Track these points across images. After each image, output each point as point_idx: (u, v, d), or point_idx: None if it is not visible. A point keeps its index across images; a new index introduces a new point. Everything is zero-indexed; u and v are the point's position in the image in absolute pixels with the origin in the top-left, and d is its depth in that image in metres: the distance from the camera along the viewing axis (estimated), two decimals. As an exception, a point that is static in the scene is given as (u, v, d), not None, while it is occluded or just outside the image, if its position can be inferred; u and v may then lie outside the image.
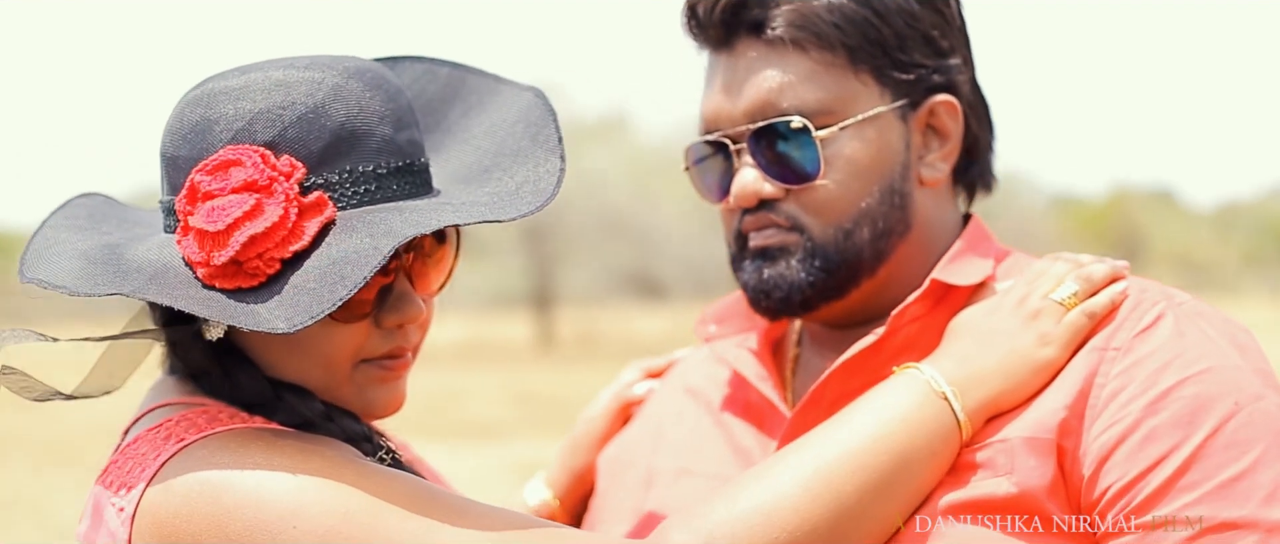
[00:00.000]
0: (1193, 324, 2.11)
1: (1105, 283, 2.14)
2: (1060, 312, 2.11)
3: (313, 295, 1.89)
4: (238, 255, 1.92)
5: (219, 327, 2.00)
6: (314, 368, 2.03)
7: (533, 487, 2.62)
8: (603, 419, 2.59)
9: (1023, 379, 2.07)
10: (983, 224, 2.36)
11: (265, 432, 1.97)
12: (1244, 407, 2.02)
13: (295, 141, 1.97)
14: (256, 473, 1.89)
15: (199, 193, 1.96)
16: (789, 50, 2.22)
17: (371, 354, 2.05)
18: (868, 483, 1.98)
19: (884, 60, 2.23)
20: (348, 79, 2.02)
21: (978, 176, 2.37)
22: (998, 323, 2.12)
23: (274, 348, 2.03)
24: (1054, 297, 2.12)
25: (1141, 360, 2.06)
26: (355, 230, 1.95)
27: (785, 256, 2.24)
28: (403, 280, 2.05)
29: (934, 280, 2.22)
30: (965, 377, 2.06)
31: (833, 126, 2.21)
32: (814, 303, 2.25)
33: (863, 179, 2.23)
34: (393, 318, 2.05)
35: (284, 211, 1.93)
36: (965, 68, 2.30)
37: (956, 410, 2.04)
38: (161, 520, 1.91)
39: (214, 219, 1.93)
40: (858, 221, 2.23)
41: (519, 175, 2.07)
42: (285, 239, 1.92)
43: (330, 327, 2.00)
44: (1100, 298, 2.12)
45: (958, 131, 2.29)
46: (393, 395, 2.10)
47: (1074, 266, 2.16)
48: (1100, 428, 2.03)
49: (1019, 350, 2.08)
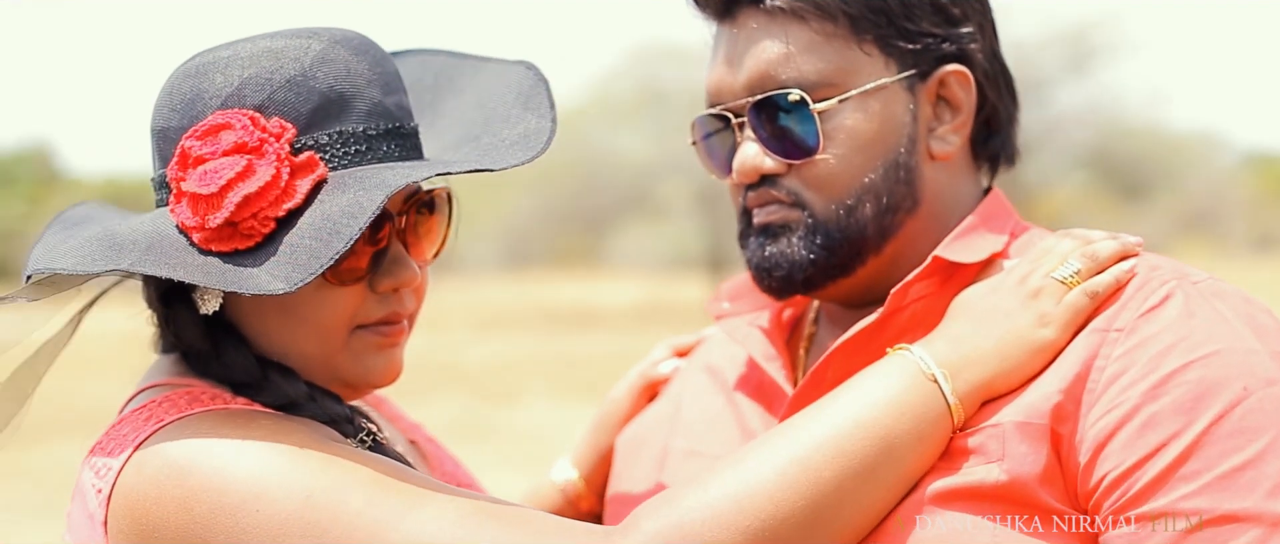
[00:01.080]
0: (1205, 304, 2.00)
1: (1112, 261, 2.04)
2: (1061, 291, 2.01)
3: (309, 252, 1.90)
4: (232, 216, 1.92)
5: (215, 298, 2.01)
6: (310, 334, 2.03)
7: (560, 465, 2.58)
8: (627, 398, 2.55)
9: (1019, 361, 1.98)
10: (1002, 198, 2.27)
11: (242, 413, 1.97)
12: (1254, 391, 1.91)
13: (284, 104, 1.99)
14: (223, 456, 1.89)
15: (190, 157, 1.97)
16: (789, 20, 2.15)
17: (367, 319, 2.05)
18: (848, 469, 1.90)
19: (889, 29, 2.15)
20: (334, 46, 2.04)
21: (1000, 149, 2.28)
22: (997, 302, 2.03)
23: (270, 316, 2.03)
24: (1056, 275, 2.02)
25: (1145, 342, 1.96)
26: (347, 187, 1.95)
27: (787, 234, 2.18)
28: (397, 244, 2.06)
29: (936, 257, 2.13)
30: (959, 357, 1.98)
31: (832, 99, 2.14)
32: (817, 281, 2.18)
33: (865, 153, 2.15)
34: (387, 281, 2.05)
35: (276, 171, 1.94)
36: (980, 35, 2.20)
37: (946, 393, 1.95)
38: (133, 502, 1.92)
39: (206, 182, 1.94)
40: (860, 197, 2.15)
41: (510, 135, 2.07)
42: (278, 198, 1.93)
43: (325, 290, 2.01)
44: (1104, 277, 2.02)
45: (970, 103, 2.20)
46: (390, 363, 2.09)
47: (1081, 244, 2.06)
48: (1098, 413, 1.94)
49: (1016, 330, 1.99)
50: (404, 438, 2.38)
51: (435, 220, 2.13)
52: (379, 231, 2.03)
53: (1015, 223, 2.25)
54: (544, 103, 2.10)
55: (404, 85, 2.12)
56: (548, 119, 2.07)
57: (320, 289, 2.00)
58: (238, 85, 2.00)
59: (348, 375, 2.07)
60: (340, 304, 2.03)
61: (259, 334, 2.05)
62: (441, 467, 2.37)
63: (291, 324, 2.03)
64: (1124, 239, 2.07)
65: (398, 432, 2.38)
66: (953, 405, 1.95)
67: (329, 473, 1.87)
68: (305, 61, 2.01)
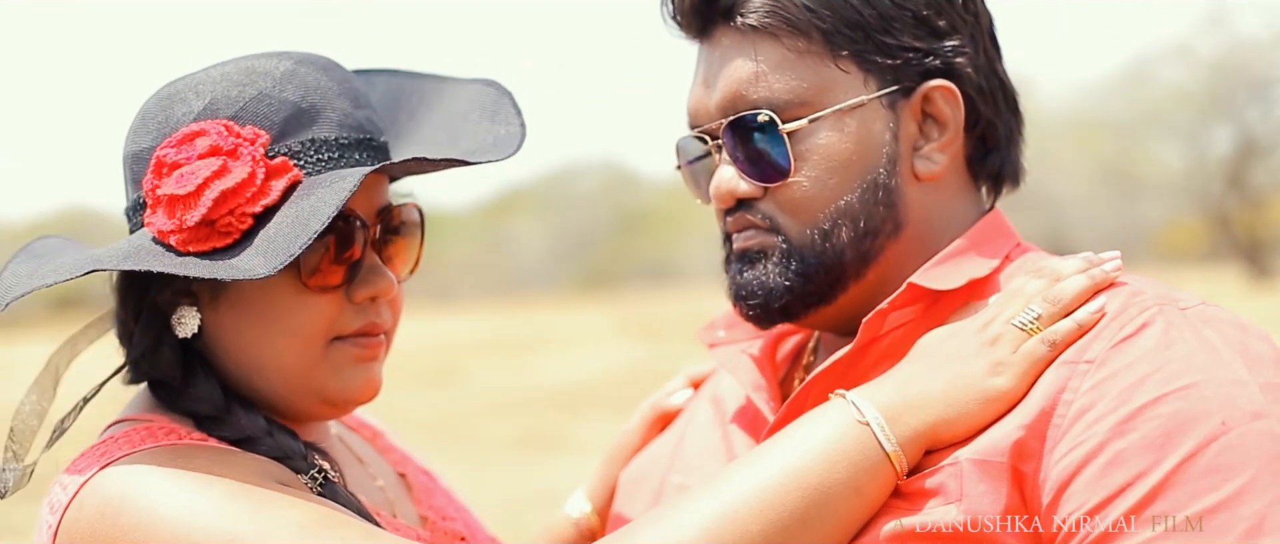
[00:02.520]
0: (1190, 332, 1.86)
1: (1078, 302, 1.90)
2: (1020, 338, 1.88)
3: (287, 238, 1.92)
4: (209, 213, 1.95)
5: (192, 319, 2.04)
6: (289, 345, 2.04)
7: (574, 499, 2.52)
8: (638, 430, 2.47)
9: (967, 409, 1.86)
10: (999, 220, 2.14)
11: (190, 449, 1.97)
12: (1234, 427, 1.77)
13: (257, 115, 2.02)
14: (155, 497, 1.89)
15: (165, 165, 2.00)
16: (760, 38, 2.06)
17: (344, 330, 2.06)
18: (778, 522, 1.80)
19: (866, 44, 2.04)
20: (301, 64, 2.08)
21: (1000, 167, 2.15)
22: (954, 346, 1.91)
23: (248, 330, 2.04)
24: (1016, 321, 1.90)
25: (1116, 374, 1.83)
26: (321, 186, 1.98)
27: (764, 259, 2.08)
28: (372, 255, 2.07)
29: (910, 284, 2.01)
30: (902, 401, 1.86)
31: (802, 120, 2.03)
32: (794, 309, 2.08)
33: (840, 175, 2.04)
34: (364, 291, 2.06)
35: (252, 171, 1.97)
36: (971, 48, 2.08)
37: (882, 441, 1.84)
38: (72, 537, 1.93)
39: (183, 182, 1.97)
40: (836, 221, 2.04)
41: (482, 141, 2.09)
42: (255, 195, 1.97)
43: (303, 298, 2.02)
44: (1064, 325, 1.89)
45: (957, 120, 2.07)
46: (368, 378, 2.09)
47: (1048, 284, 1.92)
48: (1063, 450, 1.81)
49: (967, 377, 1.87)
50: (393, 470, 2.35)
51: (408, 239, 2.15)
52: (352, 242, 2.04)
53: (1012, 245, 2.12)
54: (511, 113, 2.11)
55: (371, 103, 2.14)
56: (516, 125, 2.09)
57: (299, 297, 2.02)
58: (210, 101, 2.03)
59: (327, 390, 2.07)
60: (318, 313, 2.03)
61: (238, 351, 2.05)
62: (429, 501, 2.32)
63: (271, 336, 2.04)
64: (1095, 273, 1.93)
65: (387, 464, 2.36)
66: (891, 453, 1.84)
67: (257, 518, 1.86)
68: (276, 75, 2.04)
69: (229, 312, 2.04)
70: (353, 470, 2.22)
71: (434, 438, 13.40)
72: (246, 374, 2.06)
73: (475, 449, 13.36)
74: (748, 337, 2.26)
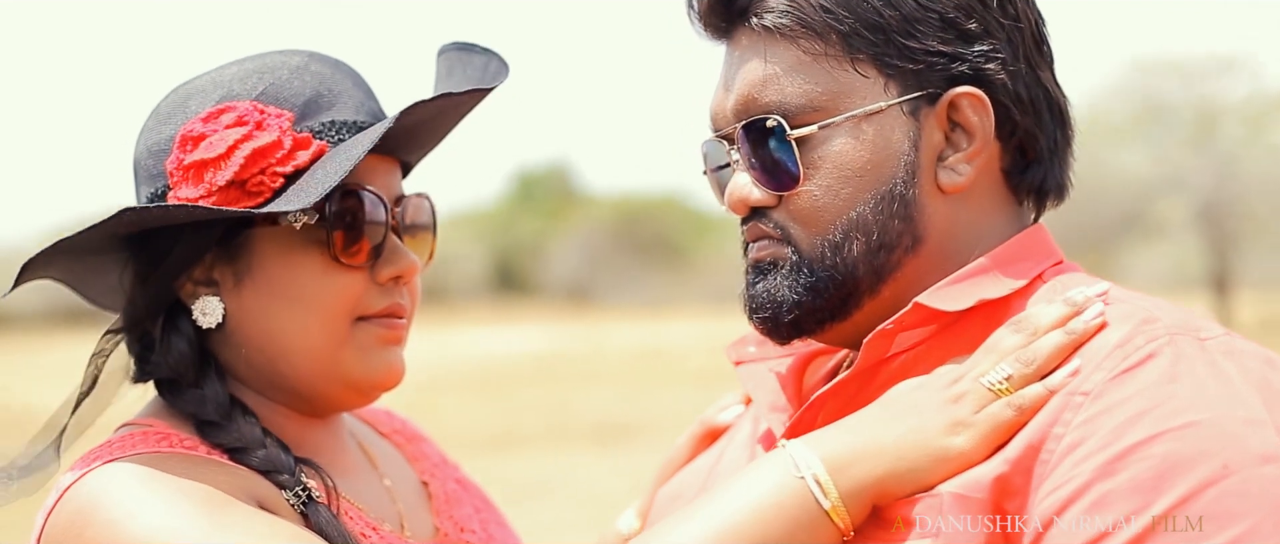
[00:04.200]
0: (1202, 365, 1.71)
1: (1053, 363, 1.76)
2: (986, 398, 1.76)
3: (324, 177, 1.96)
4: (240, 172, 1.98)
5: (215, 309, 2.05)
6: (315, 323, 2.05)
7: (626, 516, 2.45)
8: (686, 445, 2.39)
9: (917, 464, 1.74)
10: (1037, 237, 1.99)
11: (173, 459, 1.96)
12: (1237, 471, 1.62)
13: (278, 98, 2.05)
14: (122, 510, 1.89)
15: (190, 138, 2.02)
16: (775, 40, 1.95)
17: (369, 310, 2.08)
18: None
19: (887, 48, 1.91)
20: (312, 59, 2.12)
21: (1042, 181, 2.00)
22: (918, 397, 1.80)
23: (273, 310, 2.05)
24: (985, 380, 1.77)
25: (1111, 408, 1.69)
26: (346, 147, 2.02)
27: (775, 271, 1.97)
28: (393, 237, 2.10)
29: (916, 304, 1.89)
30: (851, 452, 1.76)
31: (812, 126, 1.92)
32: (805, 324, 1.97)
33: (853, 184, 1.92)
34: (388, 270, 2.08)
35: (279, 136, 1.99)
36: (1007, 52, 1.93)
37: (819, 498, 1.74)
38: (49, 537, 1.94)
39: (212, 147, 1.99)
40: (847, 233, 1.92)
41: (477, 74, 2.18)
42: (284, 157, 1.99)
43: (330, 276, 2.04)
44: (1033, 390, 1.75)
45: (986, 129, 1.93)
46: (393, 362, 2.11)
47: (1025, 339, 1.79)
48: (1048, 489, 1.68)
49: (923, 432, 1.75)
50: (416, 478, 2.32)
51: (422, 229, 2.17)
52: (377, 219, 2.07)
53: (1048, 265, 1.97)
54: (478, 51, 2.20)
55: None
56: (488, 54, 2.18)
57: (325, 274, 2.04)
58: (227, 92, 2.06)
59: (352, 373, 2.08)
60: (344, 290, 2.05)
61: (262, 336, 2.06)
62: (450, 512, 2.29)
63: (297, 315, 2.05)
64: (1075, 328, 1.78)
65: (412, 472, 2.33)
66: (830, 508, 1.74)
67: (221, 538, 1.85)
68: (290, 67, 2.08)
69: (253, 295, 2.05)
70: (359, 476, 2.20)
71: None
72: (270, 360, 2.07)
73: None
74: (778, 355, 2.16)
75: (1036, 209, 2.04)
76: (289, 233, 2.04)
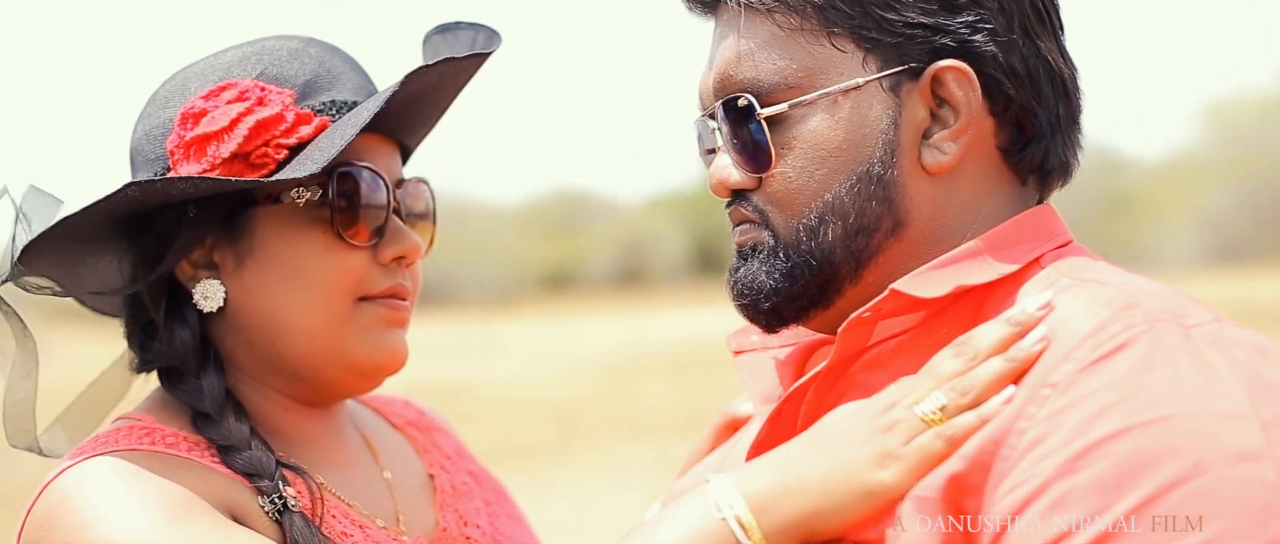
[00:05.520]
0: (1183, 354, 1.59)
1: (990, 390, 1.65)
2: (917, 429, 1.66)
3: (324, 150, 1.95)
4: (243, 145, 1.97)
5: (216, 292, 2.04)
6: (317, 302, 2.04)
7: (654, 507, 2.38)
8: (707, 437, 2.34)
9: (844, 501, 1.66)
10: (1039, 218, 1.87)
11: (150, 458, 1.95)
12: (1208, 470, 1.51)
13: (278, 78, 2.05)
14: (89, 512, 1.89)
15: (191, 115, 2.02)
16: (754, 14, 1.86)
17: (371, 290, 2.06)
18: None
19: (866, 20, 1.81)
20: (309, 43, 2.11)
21: (1046, 159, 1.87)
22: (850, 425, 1.71)
23: (275, 290, 2.04)
24: (918, 409, 1.66)
25: (1078, 401, 1.58)
26: (349, 117, 2.02)
27: (755, 256, 1.89)
28: (395, 219, 2.08)
29: (892, 290, 1.78)
30: (776, 489, 1.68)
31: (782, 104, 1.83)
32: (785, 310, 1.88)
33: (829, 165, 1.82)
34: (391, 249, 2.07)
35: (282, 110, 1.99)
36: (999, 22, 1.81)
37: (742, 538, 1.66)
38: (26, 531, 1.94)
39: (214, 121, 1.99)
40: (823, 216, 1.83)
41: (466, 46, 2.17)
42: (288, 130, 1.99)
43: (332, 254, 2.03)
44: (965, 419, 1.65)
45: (972, 105, 1.81)
46: (395, 344, 2.09)
47: (965, 365, 1.68)
48: (1007, 488, 1.58)
49: (850, 464, 1.67)
50: (424, 470, 2.28)
51: (423, 214, 2.15)
52: (378, 199, 2.06)
53: (1047, 248, 1.84)
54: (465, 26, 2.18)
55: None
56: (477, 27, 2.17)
57: (328, 251, 2.03)
58: (226, 69, 2.06)
59: (355, 354, 2.06)
60: (347, 268, 2.04)
61: (264, 318, 2.05)
62: (457, 506, 2.25)
63: (299, 294, 2.04)
64: (1016, 356, 1.66)
65: (420, 464, 2.29)
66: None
67: None
68: (289, 49, 2.08)
69: (255, 276, 2.04)
70: (356, 469, 2.17)
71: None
72: (272, 341, 2.05)
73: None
74: (780, 344, 2.07)
75: (1041, 189, 1.92)
76: (292, 211, 2.03)
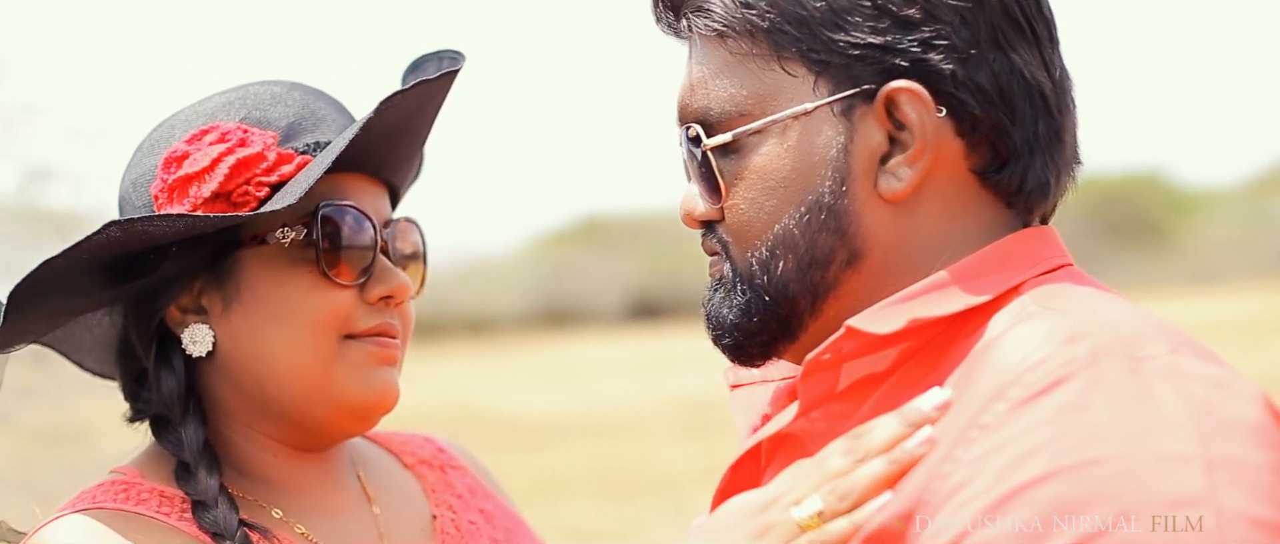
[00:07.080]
0: (1128, 389, 1.49)
1: (869, 493, 1.57)
2: (790, 534, 1.58)
3: (300, 183, 1.97)
4: (224, 184, 2.00)
5: (205, 336, 2.05)
6: (304, 341, 2.04)
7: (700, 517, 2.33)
8: None
9: None
10: (1024, 242, 1.74)
11: (117, 517, 1.99)
12: (1137, 518, 1.41)
13: (261, 120, 2.07)
14: None
15: (174, 159, 2.04)
16: (709, 40, 1.79)
17: (357, 328, 2.06)
18: None
19: (814, 42, 1.72)
20: (292, 88, 2.12)
21: (1023, 181, 1.74)
22: (733, 522, 1.63)
23: (262, 331, 2.05)
24: (795, 513, 1.59)
25: (1005, 444, 1.48)
26: (329, 149, 2.03)
27: (719, 289, 1.82)
28: (383, 258, 2.08)
29: (847, 328, 1.68)
30: None
31: (727, 134, 1.75)
32: (747, 347, 1.80)
33: (778, 195, 1.74)
34: (378, 288, 2.06)
35: (262, 150, 2.02)
36: (962, 36, 1.70)
37: None
38: None
39: (195, 163, 2.02)
40: (773, 249, 1.74)
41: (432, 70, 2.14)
42: (269, 168, 2.01)
43: (318, 293, 2.03)
44: (838, 526, 1.57)
45: (927, 127, 1.70)
46: (386, 382, 2.08)
47: (850, 464, 1.60)
48: (929, 536, 1.50)
49: None
50: (429, 510, 2.25)
51: (412, 256, 2.16)
52: (365, 239, 2.06)
53: (1030, 274, 1.71)
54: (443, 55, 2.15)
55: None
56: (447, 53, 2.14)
57: (314, 290, 2.03)
58: (210, 115, 2.08)
59: (345, 393, 2.05)
60: (332, 306, 2.04)
61: (252, 360, 2.05)
62: None
63: (286, 332, 2.03)
64: (898, 457, 1.57)
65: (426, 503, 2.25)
66: None
67: None
68: (272, 93, 2.10)
69: (242, 318, 2.05)
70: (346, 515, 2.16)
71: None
72: (260, 384, 2.06)
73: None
74: (781, 374, 1.97)
75: (1028, 212, 1.79)
76: (278, 252, 2.04)
